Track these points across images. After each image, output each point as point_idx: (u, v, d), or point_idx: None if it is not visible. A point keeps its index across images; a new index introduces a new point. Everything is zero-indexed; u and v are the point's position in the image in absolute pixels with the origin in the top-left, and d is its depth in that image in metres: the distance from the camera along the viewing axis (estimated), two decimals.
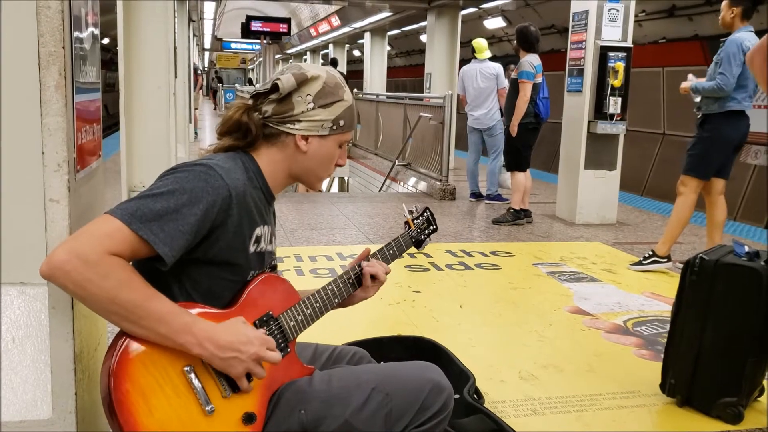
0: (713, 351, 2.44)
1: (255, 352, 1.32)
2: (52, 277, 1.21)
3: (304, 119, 1.47)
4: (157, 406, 1.24)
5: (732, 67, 4.05)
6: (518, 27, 6.06)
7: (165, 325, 1.25)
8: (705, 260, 2.45)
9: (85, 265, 1.19)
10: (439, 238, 5.37)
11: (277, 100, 1.47)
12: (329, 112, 1.49)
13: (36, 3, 1.31)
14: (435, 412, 1.48)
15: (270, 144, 1.49)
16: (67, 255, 1.19)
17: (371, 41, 17.50)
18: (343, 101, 1.51)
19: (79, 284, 1.20)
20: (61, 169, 1.37)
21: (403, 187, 8.86)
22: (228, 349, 1.29)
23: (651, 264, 4.52)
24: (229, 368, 1.31)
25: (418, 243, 1.85)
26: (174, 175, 1.33)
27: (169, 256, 1.27)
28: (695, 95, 4.30)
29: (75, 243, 1.21)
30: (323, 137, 1.50)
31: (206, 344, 1.28)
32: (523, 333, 3.34)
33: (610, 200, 6.22)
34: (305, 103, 1.47)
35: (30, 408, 1.40)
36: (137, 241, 1.24)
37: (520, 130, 5.83)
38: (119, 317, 1.24)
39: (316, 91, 1.47)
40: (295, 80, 1.45)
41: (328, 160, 1.54)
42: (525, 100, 5.76)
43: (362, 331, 3.01)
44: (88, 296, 1.21)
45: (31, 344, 1.39)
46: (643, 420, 2.48)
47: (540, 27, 13.68)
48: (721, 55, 4.15)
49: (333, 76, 1.51)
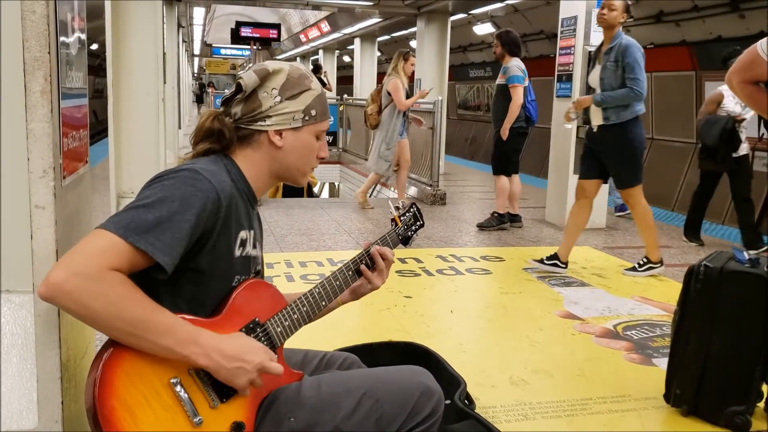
0: (720, 359, 2.40)
1: (260, 362, 1.31)
2: (53, 298, 1.18)
3: (273, 114, 1.46)
4: (144, 420, 1.22)
5: (642, 71, 4.11)
6: (502, 32, 6.04)
7: (170, 337, 1.23)
8: (709, 268, 2.41)
9: (86, 283, 1.17)
10: (430, 243, 5.37)
11: (243, 100, 1.46)
12: (298, 103, 1.47)
13: (21, 7, 1.30)
14: (425, 417, 1.47)
15: (245, 145, 1.48)
16: (65, 274, 1.17)
17: (361, 47, 17.51)
18: (311, 90, 1.50)
19: (81, 303, 1.18)
20: (46, 175, 1.36)
21: (394, 193, 8.85)
22: (234, 359, 1.28)
23: (647, 270, 4.51)
24: (234, 378, 1.29)
25: (405, 240, 1.80)
26: (161, 182, 1.32)
27: (169, 265, 1.26)
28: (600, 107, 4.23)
29: (72, 262, 1.19)
30: (297, 129, 1.48)
31: (213, 354, 1.26)
32: (514, 338, 3.34)
33: (599, 205, 6.23)
34: (272, 98, 1.45)
35: (15, 418, 1.38)
36: (135, 254, 1.23)
37: (511, 134, 5.83)
38: (124, 333, 1.22)
39: (281, 83, 1.46)
40: (257, 76, 1.44)
41: (308, 152, 1.52)
42: (518, 105, 5.76)
43: (353, 337, 3.00)
44: (91, 314, 1.19)
45: (16, 353, 1.38)
46: (634, 424, 2.48)
47: (529, 33, 13.81)
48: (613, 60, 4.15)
49: (297, 68, 1.50)
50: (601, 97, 4.21)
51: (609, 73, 4.20)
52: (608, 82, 4.22)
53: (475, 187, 8.64)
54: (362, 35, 17.15)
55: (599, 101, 4.22)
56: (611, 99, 4.18)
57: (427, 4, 10.26)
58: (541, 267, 4.57)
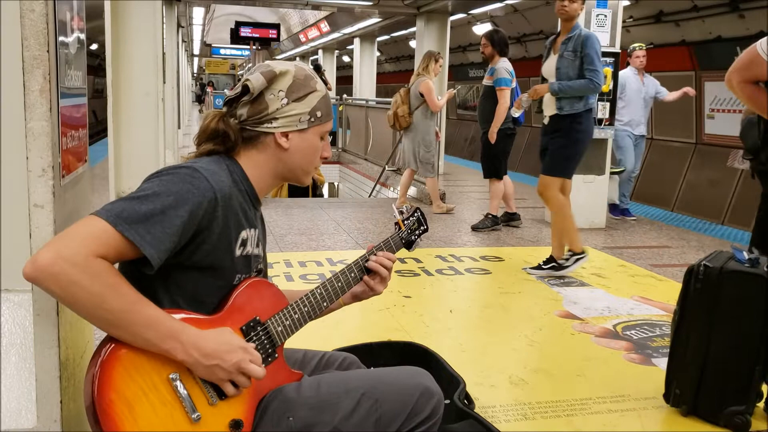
0: (720, 359, 2.40)
1: (237, 361, 1.30)
2: (37, 279, 1.17)
3: (280, 116, 1.46)
4: (142, 415, 1.22)
5: (601, 63, 4.11)
6: (492, 31, 6.01)
7: (152, 330, 1.23)
8: (709, 268, 2.41)
9: (72, 268, 1.16)
10: (429, 243, 5.37)
11: (250, 102, 1.45)
12: (304, 105, 1.48)
13: (20, 6, 1.30)
14: (425, 417, 1.47)
15: (251, 147, 1.48)
16: (52, 257, 1.16)
17: (360, 47, 17.52)
18: (317, 92, 1.50)
19: (65, 288, 1.17)
20: (45, 174, 1.35)
21: (394, 192, 8.85)
22: (212, 357, 1.28)
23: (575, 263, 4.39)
24: (211, 375, 1.30)
25: (409, 244, 1.82)
26: (159, 177, 1.32)
27: (155, 259, 1.25)
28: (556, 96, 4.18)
29: (60, 244, 1.18)
30: (303, 131, 1.49)
31: (191, 351, 1.26)
32: (513, 338, 3.34)
33: (598, 205, 6.24)
34: (278, 100, 1.45)
35: (14, 417, 1.37)
36: (123, 243, 1.23)
37: (499, 136, 5.84)
38: (105, 322, 1.22)
39: (288, 85, 1.46)
40: (264, 78, 1.44)
41: (312, 152, 1.52)
42: (505, 108, 5.75)
43: (352, 337, 2.99)
44: (75, 300, 1.19)
45: (15, 352, 1.37)
46: (633, 424, 2.48)
47: (528, 33, 13.81)
48: (571, 50, 4.12)
49: (302, 69, 1.50)
50: (559, 86, 4.15)
51: (566, 63, 4.16)
52: (565, 71, 4.17)
53: (475, 187, 8.63)
54: (362, 35, 17.15)
55: (557, 90, 4.16)
56: (569, 89, 4.13)
57: (426, 3, 10.25)
58: (539, 273, 4.47)
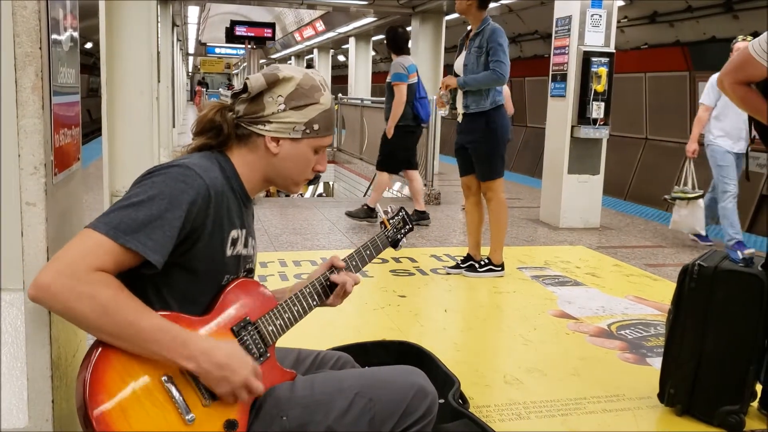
0: (715, 359, 2.40)
1: (246, 377, 1.30)
2: (40, 300, 1.19)
3: (274, 120, 1.44)
4: (135, 418, 1.21)
5: (506, 56, 4.06)
6: (387, 29, 6.05)
7: (157, 340, 1.23)
8: (703, 267, 2.41)
9: (73, 285, 1.17)
10: (424, 242, 5.37)
11: (248, 100, 1.45)
12: (301, 115, 1.45)
13: (12, 3, 1.29)
14: (419, 417, 1.46)
15: (242, 144, 1.47)
16: (53, 276, 1.18)
17: (356, 46, 17.53)
18: (319, 104, 1.47)
19: (68, 305, 1.18)
20: (37, 171, 1.34)
21: (389, 192, 8.85)
22: (224, 368, 1.27)
23: (487, 272, 4.35)
24: (216, 386, 1.28)
25: (395, 243, 1.83)
26: (151, 179, 1.31)
27: (160, 263, 1.26)
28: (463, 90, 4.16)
29: (60, 263, 1.19)
30: (295, 140, 1.46)
31: (201, 359, 1.25)
32: (508, 337, 3.34)
33: (593, 204, 6.25)
34: (276, 104, 1.44)
35: (5, 417, 1.36)
36: (124, 254, 1.23)
37: (396, 132, 5.87)
38: (111, 335, 1.21)
39: (288, 92, 1.45)
40: (265, 80, 1.43)
41: (303, 164, 1.50)
42: (401, 103, 5.76)
43: (346, 336, 2.99)
44: (78, 316, 1.19)
45: (6, 351, 1.36)
46: (628, 423, 2.48)
47: (523, 32, 13.82)
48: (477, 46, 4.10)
49: (310, 78, 1.48)
50: (464, 80, 4.16)
51: (473, 59, 4.16)
52: (471, 67, 4.18)
53: None
54: (357, 34, 17.16)
55: (462, 83, 4.16)
56: (474, 81, 4.12)
57: (421, 3, 10.27)
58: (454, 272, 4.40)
